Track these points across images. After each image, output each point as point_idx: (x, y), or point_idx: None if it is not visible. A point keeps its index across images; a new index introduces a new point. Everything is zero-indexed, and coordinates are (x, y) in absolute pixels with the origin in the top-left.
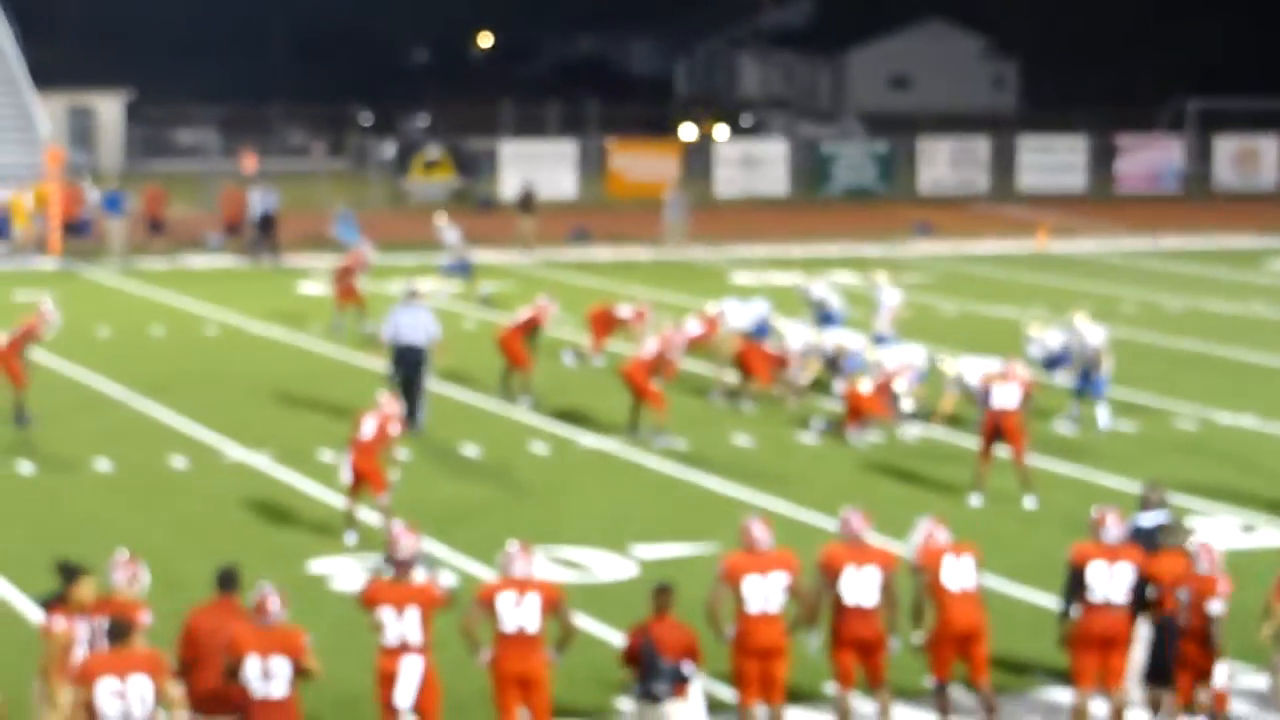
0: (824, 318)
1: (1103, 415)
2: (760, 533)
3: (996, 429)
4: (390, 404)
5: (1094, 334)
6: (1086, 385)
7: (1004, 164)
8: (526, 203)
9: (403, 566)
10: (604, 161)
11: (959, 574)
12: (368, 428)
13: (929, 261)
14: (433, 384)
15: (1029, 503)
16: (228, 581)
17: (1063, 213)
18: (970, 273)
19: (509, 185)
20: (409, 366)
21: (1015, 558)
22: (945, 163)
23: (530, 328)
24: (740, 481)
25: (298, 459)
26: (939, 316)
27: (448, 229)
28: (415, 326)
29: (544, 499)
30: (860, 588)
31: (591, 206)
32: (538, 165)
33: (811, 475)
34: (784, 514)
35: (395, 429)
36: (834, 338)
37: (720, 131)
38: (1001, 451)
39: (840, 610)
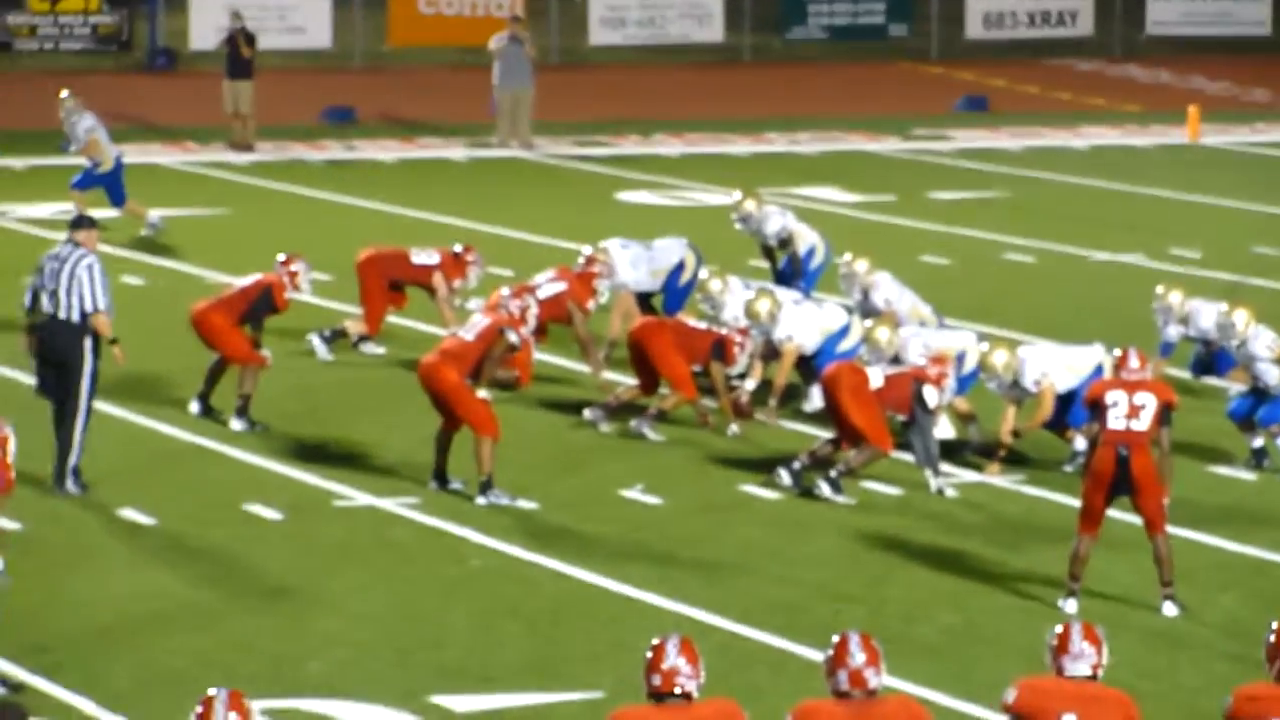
0: (784, 272)
1: None
2: (679, 665)
3: (1115, 472)
4: None
5: (1259, 340)
6: (1257, 408)
7: None
8: (238, 58)
9: None
10: None
11: None
12: None
13: (984, 164)
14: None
15: (1169, 609)
16: None
17: (1229, 76)
18: (1059, 187)
19: (205, 25)
20: (57, 357)
21: (1150, 708)
22: None
23: (252, 302)
24: (635, 572)
25: None
26: (1001, 267)
27: (77, 113)
28: (71, 290)
29: (277, 604)
30: None
31: (361, 66)
32: None
33: (762, 559)
34: (718, 628)
35: None
36: (804, 319)
37: None
38: (1120, 512)
39: None
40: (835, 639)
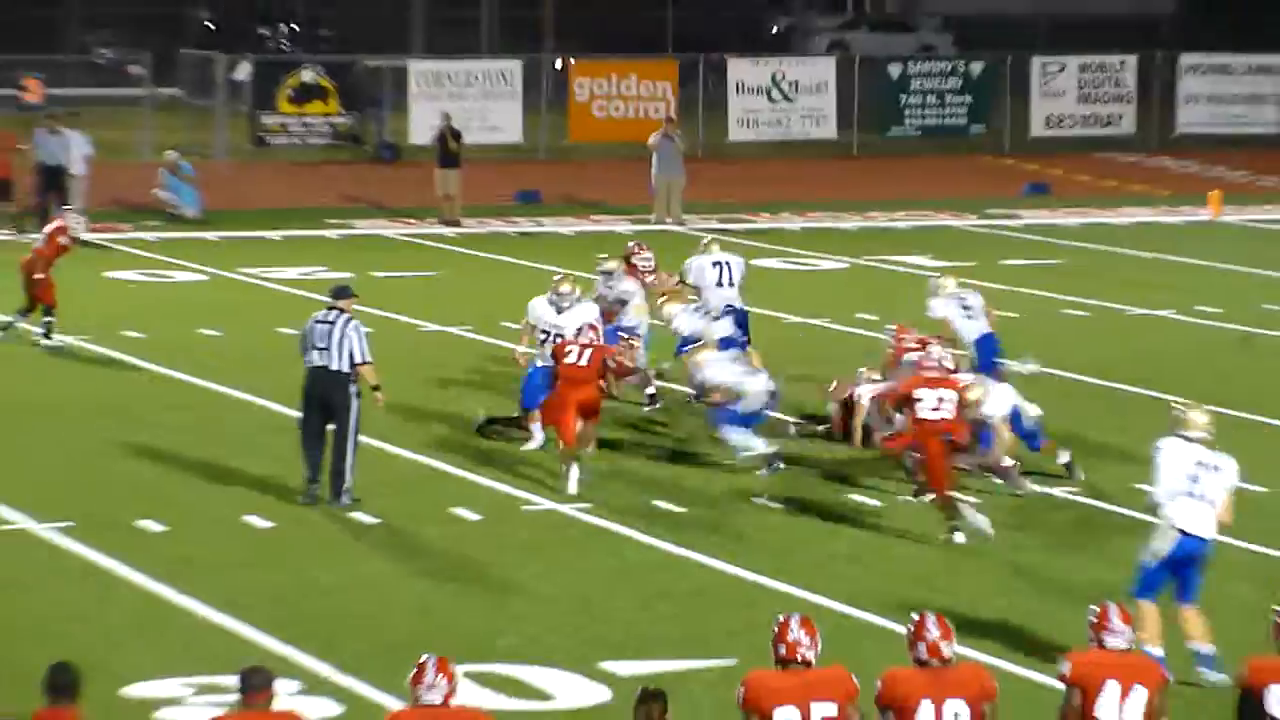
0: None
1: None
2: (800, 638)
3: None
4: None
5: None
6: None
7: (1158, 94)
8: (448, 151)
9: (255, 688)
10: (564, 90)
11: (1123, 709)
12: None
13: (1046, 237)
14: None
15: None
16: (62, 687)
17: (1245, 166)
18: (1108, 254)
19: (422, 124)
20: (326, 400)
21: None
22: (1071, 92)
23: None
24: (764, 563)
25: (108, 530)
26: (1059, 320)
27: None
28: (341, 346)
29: (477, 589)
30: None
31: (546, 158)
32: (465, 94)
33: (869, 555)
34: (831, 609)
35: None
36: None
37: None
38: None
39: None
40: (915, 618)
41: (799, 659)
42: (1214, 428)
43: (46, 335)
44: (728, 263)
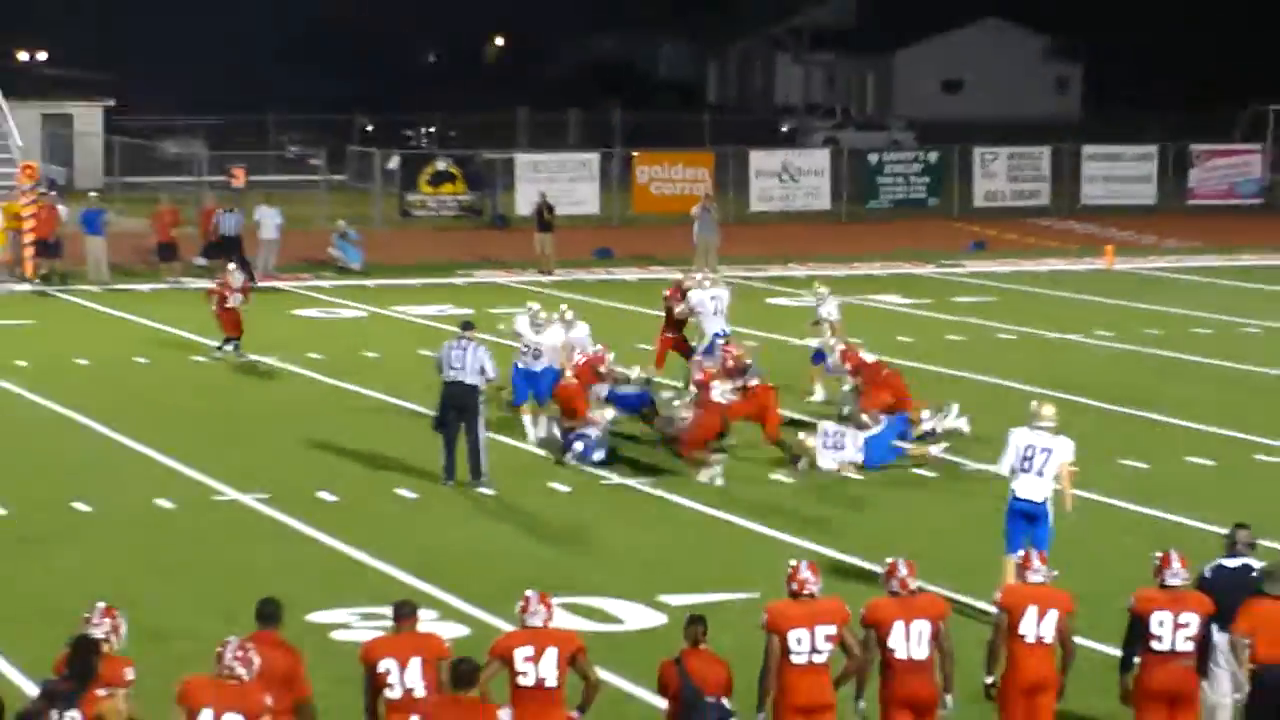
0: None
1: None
2: (808, 576)
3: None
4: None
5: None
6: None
7: (1067, 175)
8: (543, 219)
9: (404, 615)
10: (629, 174)
11: (1040, 627)
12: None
13: (985, 281)
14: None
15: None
16: (269, 615)
17: (1131, 228)
18: (1030, 293)
19: (525, 200)
20: (460, 405)
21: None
22: (1003, 174)
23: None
24: (791, 524)
25: (296, 500)
26: (995, 342)
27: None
28: (473, 364)
29: (569, 542)
30: (911, 643)
31: (617, 224)
32: (556, 178)
33: (861, 515)
34: (829, 556)
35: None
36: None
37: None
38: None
39: (890, 668)
40: (889, 560)
41: (807, 592)
42: (1057, 418)
43: (220, 348)
44: (718, 295)
